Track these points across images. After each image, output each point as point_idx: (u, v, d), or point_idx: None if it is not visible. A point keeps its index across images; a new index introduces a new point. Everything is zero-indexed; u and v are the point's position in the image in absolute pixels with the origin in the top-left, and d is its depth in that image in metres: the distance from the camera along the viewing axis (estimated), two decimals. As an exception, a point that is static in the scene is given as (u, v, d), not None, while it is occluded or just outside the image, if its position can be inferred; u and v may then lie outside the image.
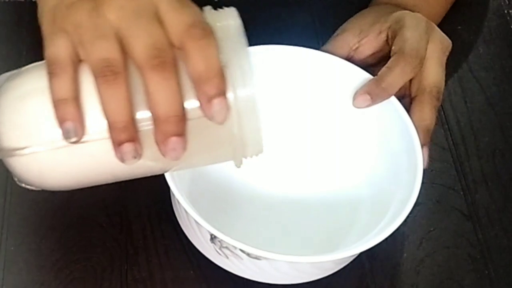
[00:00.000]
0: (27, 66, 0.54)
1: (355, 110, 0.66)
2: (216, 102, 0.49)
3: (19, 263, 0.63)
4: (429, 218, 0.69)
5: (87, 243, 0.64)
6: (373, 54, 0.69)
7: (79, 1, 0.51)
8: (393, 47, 0.66)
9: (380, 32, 0.68)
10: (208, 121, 0.50)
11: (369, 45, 0.69)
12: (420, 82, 0.66)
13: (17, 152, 0.52)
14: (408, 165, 0.63)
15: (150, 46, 0.49)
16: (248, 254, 0.58)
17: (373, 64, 0.69)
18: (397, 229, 0.59)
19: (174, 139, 0.50)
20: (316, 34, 0.80)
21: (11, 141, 0.52)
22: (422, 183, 0.61)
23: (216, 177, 0.67)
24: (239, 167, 0.55)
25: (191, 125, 0.50)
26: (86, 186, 0.55)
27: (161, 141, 0.50)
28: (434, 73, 0.66)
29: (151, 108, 0.49)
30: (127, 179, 0.55)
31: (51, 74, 0.50)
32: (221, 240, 0.57)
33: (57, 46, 0.50)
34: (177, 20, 0.50)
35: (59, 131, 0.50)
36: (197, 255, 0.64)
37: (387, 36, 0.68)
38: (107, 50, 0.49)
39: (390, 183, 0.64)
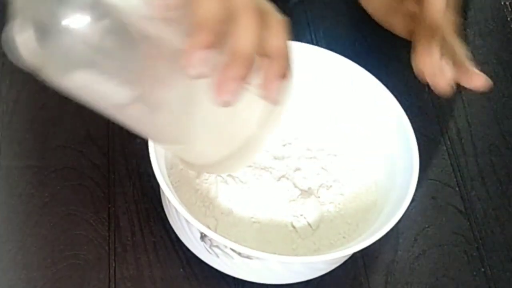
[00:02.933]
0: None
1: (351, 109, 0.66)
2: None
3: (5, 261, 0.62)
4: (424, 214, 0.69)
5: (75, 240, 0.63)
6: None
7: None
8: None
9: None
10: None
11: None
12: None
13: None
14: (404, 165, 0.62)
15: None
16: (239, 254, 0.57)
17: None
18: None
19: None
20: (309, 31, 0.79)
21: None
22: (417, 179, 0.60)
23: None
24: None
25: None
26: None
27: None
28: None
29: None
30: None
31: None
32: (212, 238, 0.56)
33: None
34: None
35: None
36: (186, 253, 0.63)
37: None
38: None
39: (386, 182, 0.64)
